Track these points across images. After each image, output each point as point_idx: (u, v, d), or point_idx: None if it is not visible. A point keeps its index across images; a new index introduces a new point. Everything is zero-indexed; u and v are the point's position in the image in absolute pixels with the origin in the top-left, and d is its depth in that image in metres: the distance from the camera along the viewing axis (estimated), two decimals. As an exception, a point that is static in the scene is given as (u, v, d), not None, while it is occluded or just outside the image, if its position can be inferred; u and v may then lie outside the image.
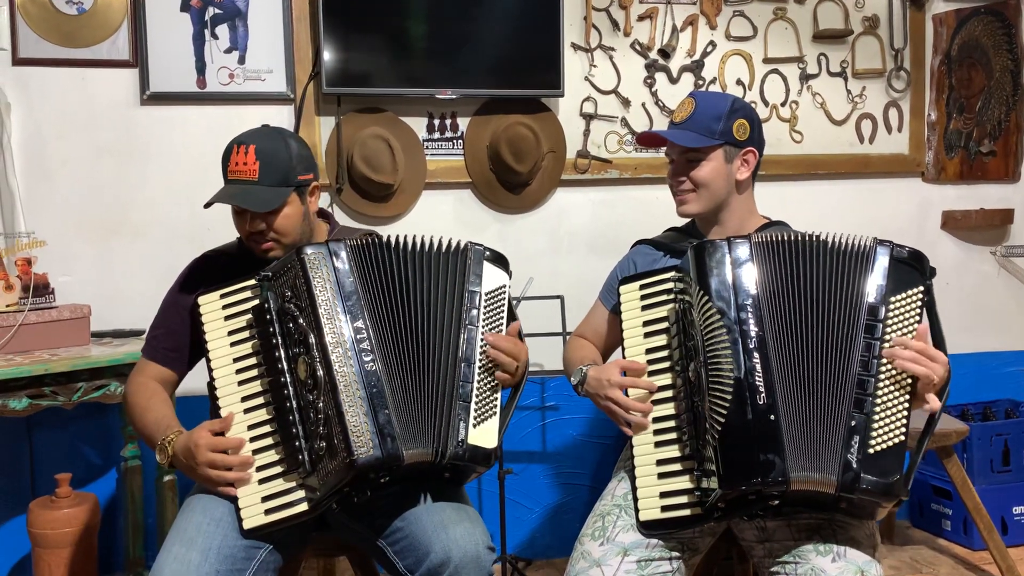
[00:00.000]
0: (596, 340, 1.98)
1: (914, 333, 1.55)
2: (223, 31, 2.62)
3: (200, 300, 1.67)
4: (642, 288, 1.73)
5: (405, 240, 1.66)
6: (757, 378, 1.50)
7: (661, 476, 1.61)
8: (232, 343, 1.65)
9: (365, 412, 1.51)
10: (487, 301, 1.70)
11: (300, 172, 1.73)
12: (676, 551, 1.60)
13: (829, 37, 3.03)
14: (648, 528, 1.60)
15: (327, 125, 2.70)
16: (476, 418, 1.61)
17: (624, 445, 1.85)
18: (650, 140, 1.89)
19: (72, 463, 2.56)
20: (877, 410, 1.51)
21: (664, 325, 1.68)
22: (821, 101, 3.05)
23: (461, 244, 1.71)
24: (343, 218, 2.71)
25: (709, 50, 2.95)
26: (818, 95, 3.05)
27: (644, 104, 2.91)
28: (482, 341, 1.66)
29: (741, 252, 1.59)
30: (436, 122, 2.78)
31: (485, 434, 1.62)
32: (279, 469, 1.58)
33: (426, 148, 2.77)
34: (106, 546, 2.57)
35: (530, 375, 1.83)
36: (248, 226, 1.71)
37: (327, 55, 2.58)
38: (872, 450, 1.49)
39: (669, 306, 1.68)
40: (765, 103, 3.00)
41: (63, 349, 2.28)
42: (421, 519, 1.60)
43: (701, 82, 2.95)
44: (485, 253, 1.73)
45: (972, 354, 3.20)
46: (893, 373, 1.53)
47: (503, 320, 1.72)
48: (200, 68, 2.60)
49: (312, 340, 1.53)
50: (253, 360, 1.63)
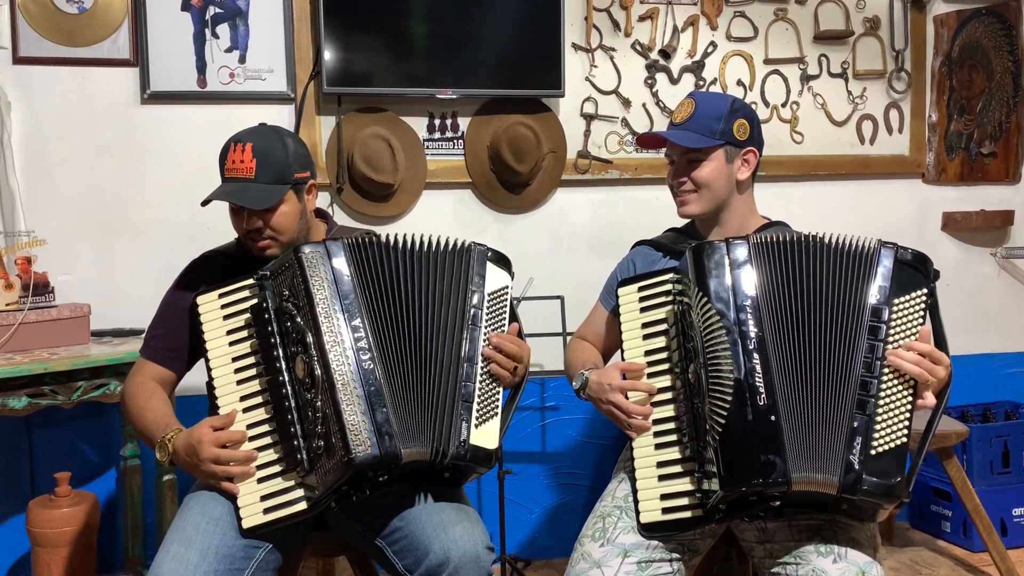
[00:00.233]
0: (597, 342, 1.97)
1: (917, 335, 1.54)
2: (224, 30, 2.61)
3: (199, 300, 1.67)
4: (640, 290, 1.73)
5: (406, 239, 1.66)
6: (757, 379, 1.50)
7: (662, 478, 1.61)
8: (231, 342, 1.64)
9: (363, 411, 1.50)
10: (490, 301, 1.70)
11: (297, 170, 1.73)
12: (676, 552, 1.60)
13: (830, 38, 3.03)
14: (649, 530, 1.60)
15: (328, 125, 2.70)
16: (478, 418, 1.61)
17: (624, 446, 1.84)
18: (651, 141, 1.89)
19: (71, 462, 2.56)
20: (879, 411, 1.51)
21: (663, 327, 1.68)
22: (822, 102, 3.05)
23: (464, 244, 1.70)
24: (344, 218, 2.71)
25: (710, 51, 2.94)
26: (819, 96, 3.04)
27: (645, 104, 2.90)
28: (485, 341, 1.66)
29: (740, 253, 1.58)
30: (437, 122, 2.78)
31: (486, 434, 1.62)
32: (278, 468, 1.58)
33: (426, 148, 2.76)
34: (105, 545, 2.57)
35: (530, 375, 1.83)
36: (245, 224, 1.71)
37: (328, 55, 2.58)
38: (874, 451, 1.49)
39: (668, 308, 1.68)
40: (766, 104, 3.00)
41: (63, 348, 2.28)
42: (420, 519, 1.60)
43: (702, 83, 2.95)
44: (488, 253, 1.73)
45: (972, 355, 3.19)
46: (896, 375, 1.52)
47: (505, 321, 1.72)
48: (201, 67, 2.60)
49: (310, 339, 1.53)
50: (251, 359, 1.63)
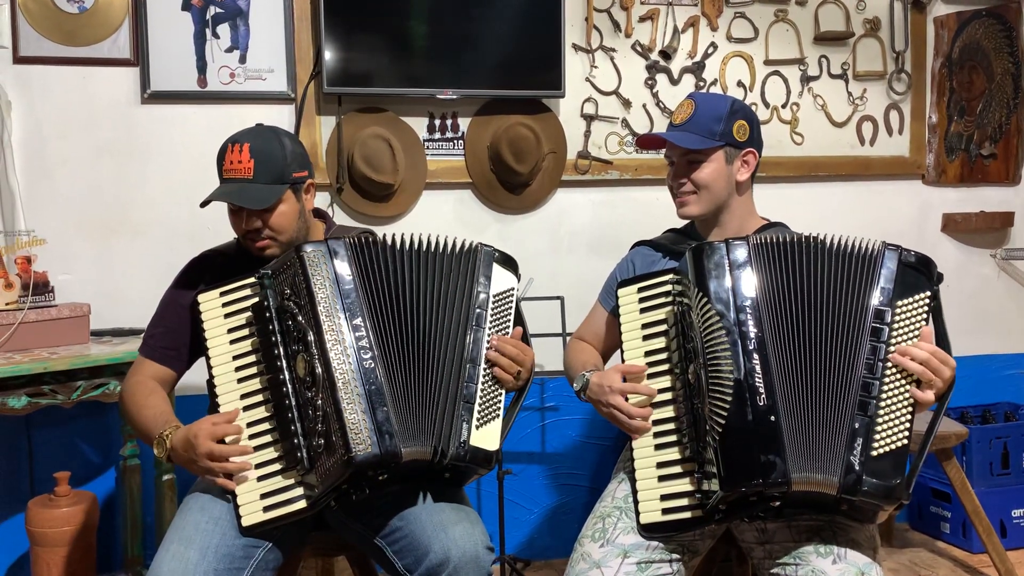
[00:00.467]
0: (596, 342, 1.97)
1: (919, 337, 1.54)
2: (224, 30, 2.61)
3: (199, 298, 1.67)
4: (640, 291, 1.73)
5: (411, 239, 1.66)
6: (757, 379, 1.50)
7: (661, 478, 1.61)
8: (231, 341, 1.65)
9: (363, 409, 1.50)
10: (495, 303, 1.69)
11: (295, 169, 1.73)
12: (676, 553, 1.60)
13: (830, 39, 3.03)
14: (649, 531, 1.60)
15: (328, 125, 2.70)
16: (479, 420, 1.61)
17: (623, 447, 1.84)
18: (650, 142, 1.89)
19: (71, 462, 2.56)
20: (881, 413, 1.51)
21: (663, 328, 1.68)
22: (822, 103, 3.05)
23: (471, 245, 1.70)
24: (344, 218, 2.71)
25: (710, 51, 2.95)
26: (819, 97, 3.04)
27: (645, 105, 2.91)
28: (488, 344, 1.66)
29: (739, 254, 1.58)
30: (437, 122, 2.78)
31: (487, 436, 1.62)
32: (278, 466, 1.58)
33: (427, 148, 2.76)
34: (105, 545, 2.57)
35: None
36: (244, 224, 1.71)
37: (328, 55, 2.58)
38: (875, 452, 1.49)
39: (668, 308, 1.68)
40: (766, 105, 3.00)
41: (62, 348, 2.27)
42: (420, 519, 1.60)
43: (702, 83, 2.95)
44: (495, 255, 1.73)
45: (972, 357, 3.19)
46: (898, 377, 1.52)
47: (510, 323, 1.72)
48: (201, 67, 2.60)
49: (311, 338, 1.53)
50: (252, 358, 1.63)
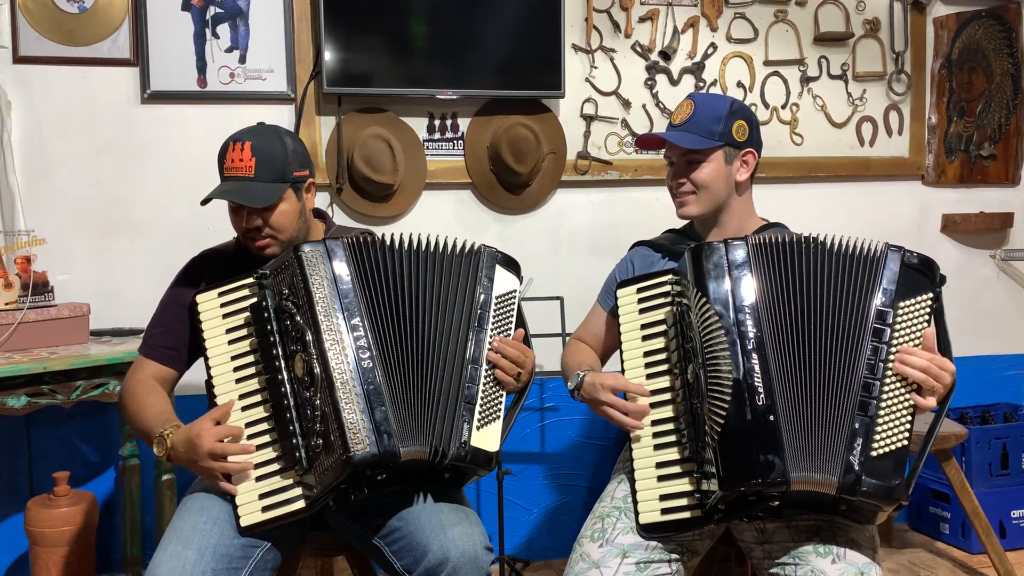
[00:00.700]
0: (595, 343, 1.97)
1: (921, 338, 1.54)
2: (224, 30, 2.62)
3: (198, 299, 1.67)
4: (639, 291, 1.73)
5: (413, 239, 1.66)
6: (756, 379, 1.50)
7: (661, 479, 1.61)
8: (230, 341, 1.64)
9: (362, 409, 1.50)
10: (497, 305, 1.69)
11: (296, 168, 1.73)
12: (675, 553, 1.60)
13: (830, 40, 3.03)
14: (648, 531, 1.60)
15: (328, 125, 2.70)
16: (480, 420, 1.61)
17: (623, 447, 1.84)
18: (650, 142, 1.89)
19: (70, 461, 2.56)
20: (881, 413, 1.51)
21: (662, 328, 1.68)
22: (822, 104, 3.05)
23: (474, 246, 1.71)
24: (343, 218, 2.71)
25: (710, 52, 2.95)
26: (819, 98, 3.04)
27: (644, 106, 2.91)
28: (489, 345, 1.66)
29: (739, 254, 1.58)
30: (437, 122, 2.78)
31: (488, 437, 1.62)
32: (276, 466, 1.58)
33: (426, 148, 2.76)
34: (104, 545, 2.57)
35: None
36: (245, 223, 1.71)
37: (328, 55, 2.58)
38: (875, 453, 1.49)
39: (667, 309, 1.68)
40: (766, 105, 3.00)
41: (62, 347, 2.27)
42: (419, 519, 1.60)
43: (702, 84, 2.95)
44: (498, 256, 1.73)
45: (971, 357, 3.19)
46: (899, 378, 1.52)
47: (512, 324, 1.72)
48: (201, 67, 2.60)
49: (309, 337, 1.53)
50: (251, 358, 1.63)
